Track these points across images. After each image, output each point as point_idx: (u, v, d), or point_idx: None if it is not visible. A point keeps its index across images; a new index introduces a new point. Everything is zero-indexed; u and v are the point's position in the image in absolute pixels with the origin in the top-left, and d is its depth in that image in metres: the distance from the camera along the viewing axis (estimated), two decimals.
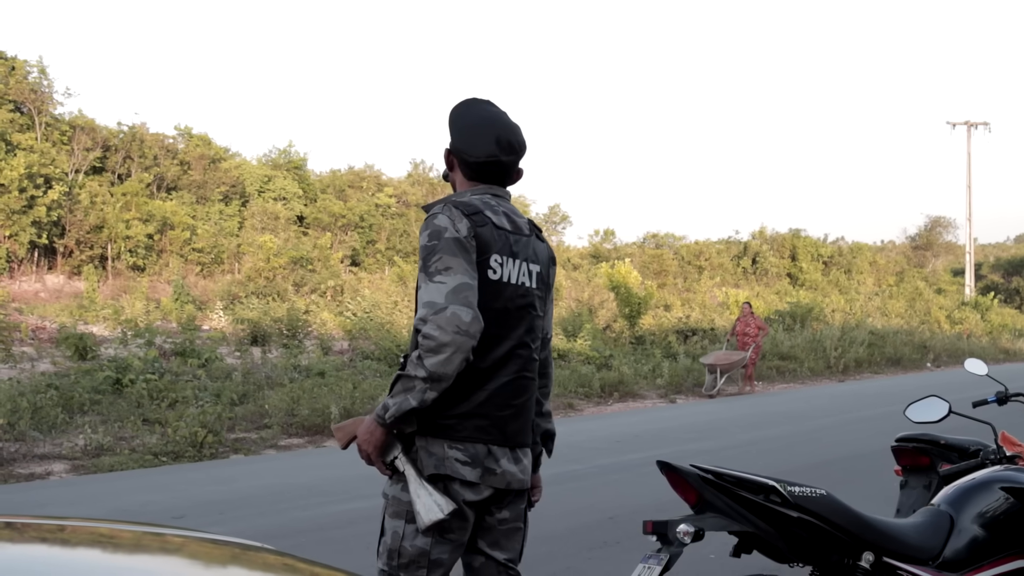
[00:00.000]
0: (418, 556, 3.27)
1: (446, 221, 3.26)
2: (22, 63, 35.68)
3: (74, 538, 2.61)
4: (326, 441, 13.16)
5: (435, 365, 3.10)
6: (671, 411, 17.61)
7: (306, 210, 42.90)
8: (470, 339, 3.12)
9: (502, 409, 3.33)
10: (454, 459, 3.26)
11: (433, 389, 3.14)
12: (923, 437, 5.14)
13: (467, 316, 3.12)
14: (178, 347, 19.17)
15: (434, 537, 3.26)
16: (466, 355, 3.13)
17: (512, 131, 3.50)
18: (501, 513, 3.44)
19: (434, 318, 3.11)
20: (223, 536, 2.79)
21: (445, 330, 3.09)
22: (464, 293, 3.15)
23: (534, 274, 3.46)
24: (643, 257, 48.17)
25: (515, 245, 3.41)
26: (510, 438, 3.36)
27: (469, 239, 3.25)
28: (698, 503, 3.49)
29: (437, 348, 3.09)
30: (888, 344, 30.64)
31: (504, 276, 3.34)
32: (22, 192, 32.02)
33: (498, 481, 3.33)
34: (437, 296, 3.15)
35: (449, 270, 3.18)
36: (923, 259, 64.30)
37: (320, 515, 8.24)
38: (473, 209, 3.33)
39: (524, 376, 3.42)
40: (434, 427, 3.27)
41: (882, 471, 8.88)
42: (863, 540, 3.56)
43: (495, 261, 3.32)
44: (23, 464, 10.95)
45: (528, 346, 3.44)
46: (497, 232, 3.34)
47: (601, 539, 7.22)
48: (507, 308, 3.36)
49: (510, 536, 3.49)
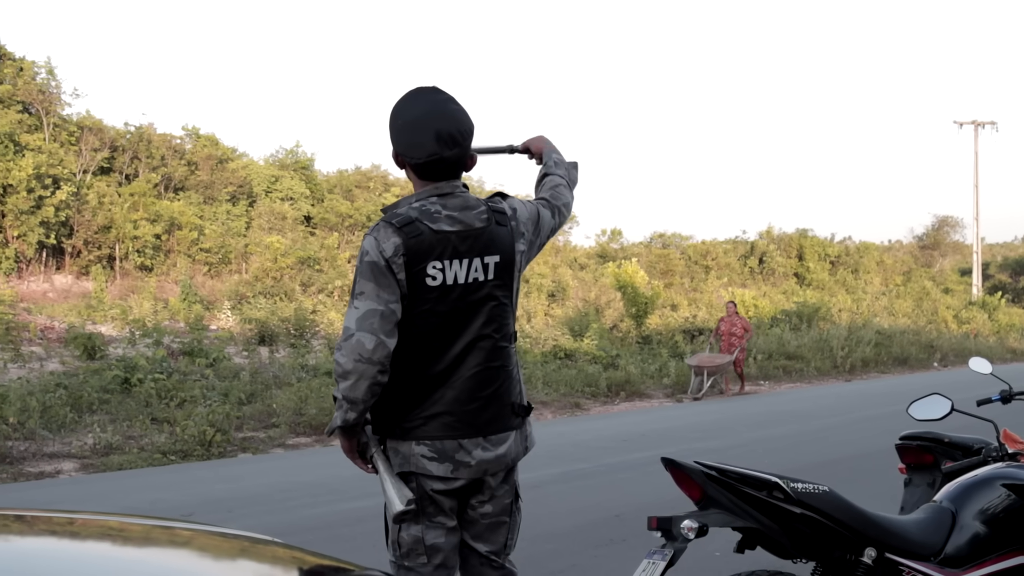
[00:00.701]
0: (414, 544, 3.43)
1: (370, 243, 3.35)
2: (30, 64, 35.72)
3: (84, 531, 2.64)
4: (333, 440, 13.20)
5: (345, 390, 3.30)
6: (677, 410, 17.63)
7: (313, 210, 42.90)
8: (372, 366, 3.26)
9: (468, 403, 3.41)
10: (420, 455, 3.37)
11: (352, 410, 3.32)
12: (927, 435, 5.17)
13: (370, 343, 3.25)
14: (186, 347, 19.22)
15: (423, 523, 3.40)
16: (372, 380, 3.28)
17: (453, 120, 3.45)
18: (484, 507, 3.53)
19: (343, 344, 3.29)
20: (232, 530, 2.83)
21: (349, 358, 3.27)
22: (370, 320, 3.28)
23: (491, 266, 3.45)
24: (650, 257, 48.09)
25: (461, 244, 3.40)
26: (482, 428, 3.43)
27: (395, 258, 3.31)
28: (702, 499, 3.52)
29: (343, 375, 3.28)
30: (895, 344, 30.57)
31: (448, 279, 3.36)
32: (30, 192, 32.05)
33: (473, 472, 3.42)
34: (349, 321, 3.33)
35: (362, 295, 3.32)
36: (930, 259, 64.14)
37: (328, 513, 8.28)
38: (406, 221, 3.36)
39: (489, 367, 3.46)
40: (401, 430, 3.39)
41: (888, 469, 8.90)
42: (865, 536, 3.59)
43: (433, 268, 3.35)
44: (33, 463, 11.01)
45: (490, 337, 3.46)
46: (437, 237, 3.36)
47: (607, 537, 7.26)
48: (458, 308, 3.39)
49: (494, 529, 3.57)
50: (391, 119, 3.50)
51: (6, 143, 32.25)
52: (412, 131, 3.44)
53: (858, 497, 3.79)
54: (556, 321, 29.47)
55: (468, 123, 3.48)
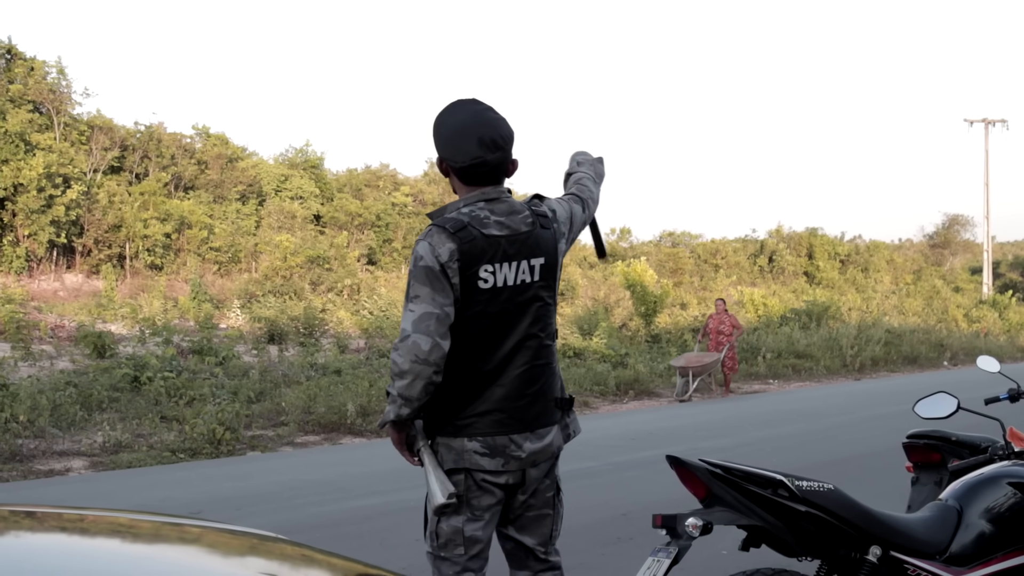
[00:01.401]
0: (453, 534, 3.55)
1: (425, 248, 3.46)
2: (41, 64, 35.82)
3: (94, 528, 2.64)
4: (342, 439, 13.24)
5: (400, 388, 3.42)
6: (686, 409, 17.62)
7: (323, 209, 42.94)
8: (428, 367, 3.39)
9: (517, 400, 3.54)
10: (472, 451, 3.49)
11: (405, 407, 3.45)
12: (934, 434, 5.17)
13: (426, 345, 3.38)
14: (196, 345, 19.27)
15: (464, 515, 3.52)
16: (427, 380, 3.41)
17: (494, 126, 3.57)
18: (527, 500, 3.65)
19: (400, 345, 3.42)
20: (241, 527, 2.85)
21: (405, 359, 3.39)
22: (426, 323, 3.40)
23: (536, 268, 3.58)
24: (659, 255, 48.06)
25: (510, 248, 3.52)
26: (530, 423, 3.57)
27: (450, 263, 3.43)
28: (707, 497, 3.54)
29: (400, 374, 3.41)
30: (905, 343, 30.51)
31: (498, 282, 3.50)
32: (41, 192, 32.16)
33: (522, 463, 3.56)
34: (406, 323, 3.44)
35: (417, 299, 3.44)
36: (941, 257, 64.02)
37: (336, 511, 8.31)
38: (459, 226, 3.47)
39: (536, 365, 3.59)
40: (453, 427, 3.51)
41: (896, 468, 8.89)
42: (870, 534, 3.59)
43: (485, 271, 3.47)
44: (43, 460, 11.06)
45: (536, 336, 3.60)
46: (488, 242, 3.48)
47: (614, 535, 7.28)
48: (507, 309, 3.53)
49: (538, 522, 3.70)
50: (435, 128, 3.63)
51: (17, 142, 32.37)
52: (456, 137, 3.56)
53: (865, 496, 3.80)
54: (565, 320, 29.46)
55: (508, 129, 3.62)
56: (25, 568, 2.06)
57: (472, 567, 3.58)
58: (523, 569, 3.73)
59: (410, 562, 6.40)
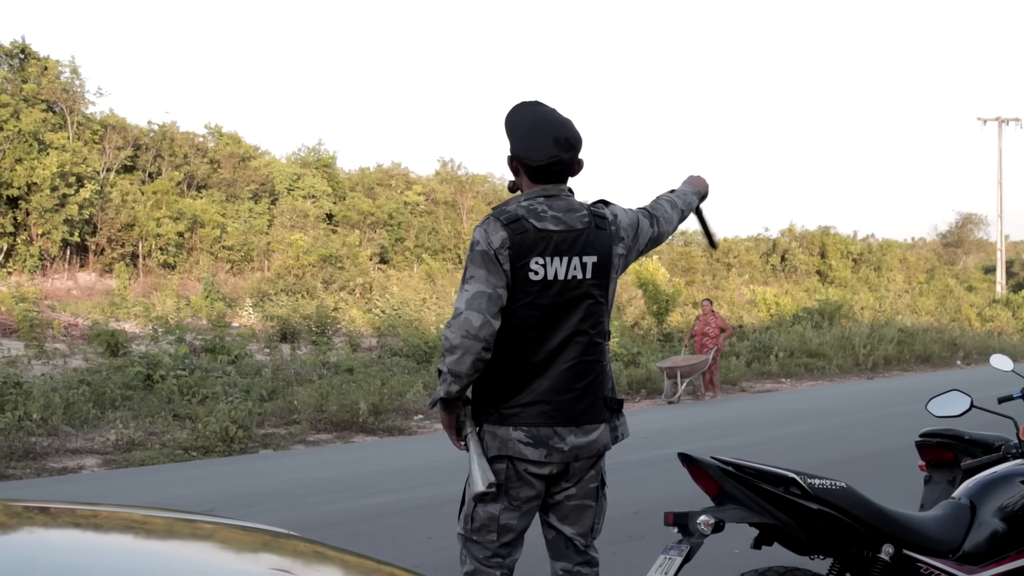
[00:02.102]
0: (488, 520, 3.65)
1: (481, 234, 3.60)
2: (54, 63, 35.90)
3: (107, 524, 2.66)
4: (354, 437, 13.26)
5: (450, 363, 3.52)
6: (698, 408, 17.61)
7: (335, 208, 42.98)
8: (478, 342, 3.48)
9: (564, 394, 3.62)
10: (517, 440, 3.59)
11: (455, 383, 3.54)
12: (947, 432, 5.16)
13: (477, 321, 3.48)
14: (208, 344, 19.31)
15: (502, 503, 3.62)
16: (476, 356, 3.50)
17: (566, 128, 3.72)
18: (569, 490, 3.73)
19: (452, 322, 3.53)
20: (253, 524, 2.85)
21: (456, 334, 3.50)
22: (479, 300, 3.51)
23: (589, 265, 3.67)
24: (671, 254, 47.96)
25: (562, 243, 3.61)
26: (576, 418, 3.64)
27: (501, 250, 3.55)
28: (719, 495, 3.54)
29: (451, 349, 3.51)
30: (918, 342, 30.42)
31: (548, 275, 3.59)
32: (54, 191, 32.24)
33: (565, 456, 3.63)
34: (460, 302, 3.55)
35: (472, 279, 3.56)
36: (954, 256, 63.80)
37: (348, 509, 8.32)
38: (512, 218, 3.59)
39: (584, 361, 3.68)
40: (499, 415, 3.61)
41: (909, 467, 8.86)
42: (883, 532, 3.59)
43: (536, 263, 3.58)
44: (56, 458, 11.10)
45: (586, 332, 3.68)
46: (540, 235, 3.58)
47: (626, 534, 7.28)
48: (557, 303, 3.62)
49: (580, 512, 3.77)
50: (510, 127, 3.76)
51: (31, 142, 32.46)
52: (532, 137, 3.69)
53: (878, 494, 3.79)
54: None
55: (577, 130, 3.74)
56: (39, 564, 2.07)
57: (501, 553, 3.67)
58: (562, 560, 3.79)
59: (422, 560, 6.41)
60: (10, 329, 22.51)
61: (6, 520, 2.50)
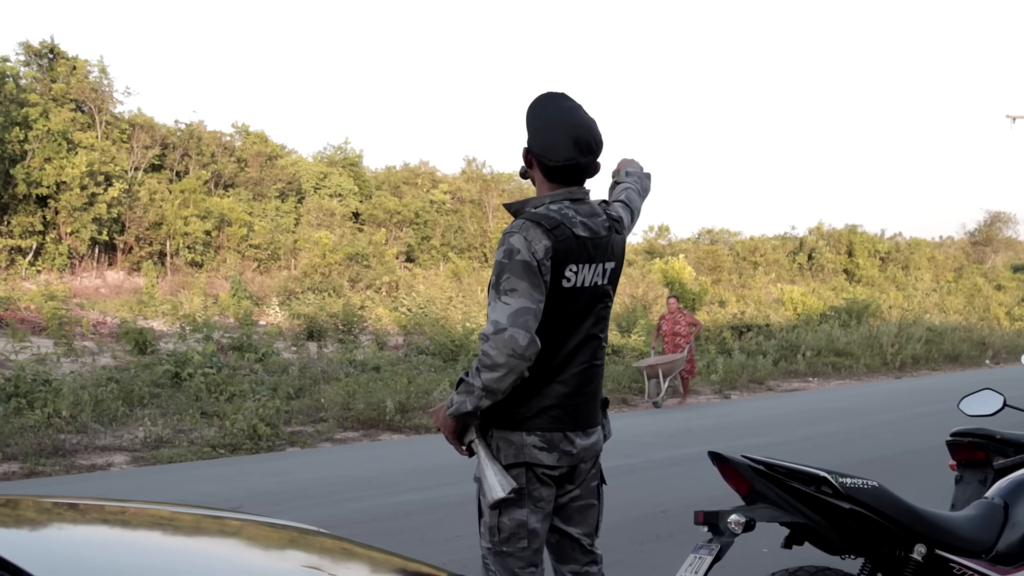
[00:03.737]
0: (517, 528, 3.50)
1: (521, 243, 3.41)
2: (83, 63, 36.13)
3: (136, 520, 2.68)
4: (381, 435, 13.27)
5: (489, 381, 3.35)
6: (726, 407, 17.55)
7: (361, 206, 43.11)
8: (524, 362, 3.34)
9: (575, 398, 3.54)
10: (532, 446, 3.47)
11: (487, 399, 3.39)
12: (978, 432, 5.11)
13: (524, 340, 3.32)
14: (235, 342, 19.35)
15: (528, 508, 3.49)
16: (519, 375, 3.37)
17: (589, 129, 3.58)
18: (574, 491, 3.64)
19: (494, 338, 3.33)
20: (281, 520, 2.85)
21: (502, 352, 3.32)
22: (524, 317, 3.35)
23: (608, 271, 3.60)
24: (698, 253, 47.89)
25: (593, 250, 3.52)
26: (582, 422, 3.56)
27: (544, 260, 3.41)
28: (749, 494, 3.51)
29: (493, 367, 3.33)
30: (946, 341, 30.20)
31: (578, 283, 3.49)
32: (83, 190, 32.47)
33: (575, 459, 3.54)
34: (501, 316, 3.36)
35: (514, 292, 3.37)
36: (982, 255, 63.32)
37: (375, 506, 8.32)
38: (554, 223, 3.45)
39: (593, 364, 3.61)
40: (512, 420, 3.49)
41: (939, 466, 8.79)
42: (915, 532, 3.55)
43: (570, 271, 3.46)
44: (84, 455, 11.14)
45: (597, 337, 3.61)
46: (577, 242, 3.47)
47: (654, 532, 7.25)
48: (577, 309, 3.52)
49: (583, 512, 3.68)
50: (529, 120, 3.62)
51: (60, 141, 32.69)
52: (551, 135, 3.55)
53: (908, 493, 3.76)
54: None
55: (600, 132, 3.62)
56: (69, 560, 2.07)
57: (535, 561, 3.55)
58: (569, 563, 3.68)
59: (450, 558, 6.39)
60: (39, 327, 22.64)
61: (36, 516, 2.52)
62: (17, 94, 33.59)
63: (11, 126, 32.09)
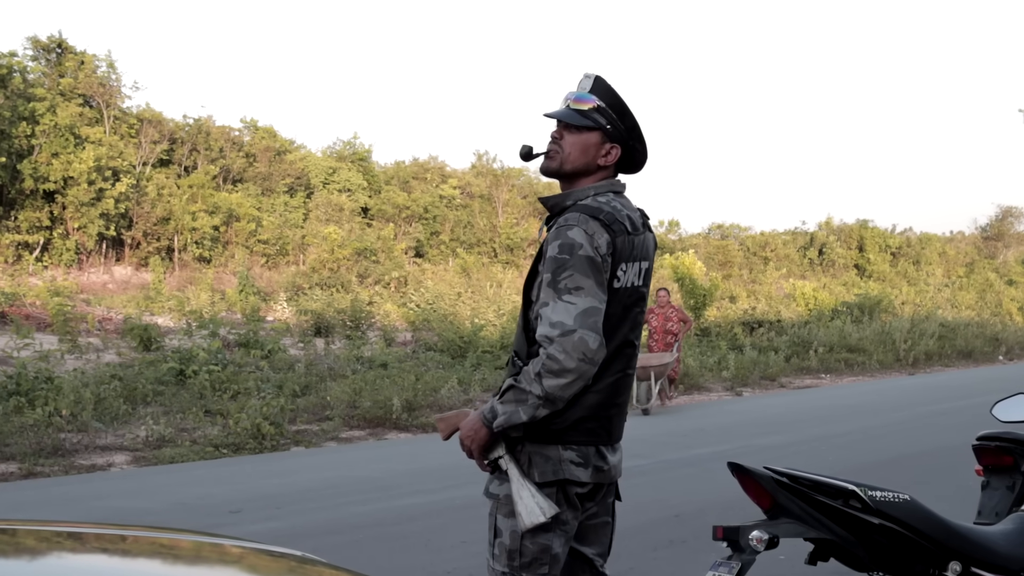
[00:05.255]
0: (540, 553, 3.19)
1: (582, 236, 3.11)
2: (91, 58, 36.04)
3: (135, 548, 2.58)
4: (387, 434, 13.09)
5: (554, 388, 3.04)
6: (737, 404, 17.34)
7: (370, 201, 43.01)
8: (593, 366, 3.06)
9: (608, 409, 3.25)
10: (569, 461, 3.18)
11: (546, 408, 3.08)
12: (1006, 436, 4.90)
13: (594, 343, 3.04)
14: (242, 338, 19.22)
15: (555, 531, 3.19)
16: (586, 381, 3.08)
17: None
18: (591, 509, 3.35)
19: (561, 340, 3.02)
20: (281, 549, 2.71)
21: (571, 356, 3.01)
22: (593, 318, 3.06)
23: (643, 271, 3.32)
24: (708, 248, 47.73)
25: (635, 248, 3.26)
26: (613, 435, 3.29)
27: (607, 256, 3.13)
28: (772, 508, 3.31)
29: (560, 372, 3.02)
30: (959, 336, 29.99)
31: (625, 282, 3.22)
32: (91, 185, 32.41)
33: (606, 477, 3.27)
34: (566, 317, 3.04)
35: (580, 290, 3.07)
36: (994, 250, 63.02)
37: (379, 510, 8.12)
38: (612, 219, 3.18)
39: (627, 374, 3.31)
40: (548, 433, 3.18)
41: (958, 468, 8.58)
42: (949, 549, 3.35)
43: (621, 270, 3.19)
44: (85, 455, 10.97)
45: (632, 344, 3.31)
46: (629, 239, 3.22)
47: (667, 538, 7.03)
48: (617, 312, 3.22)
49: (598, 530, 3.41)
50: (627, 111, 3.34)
51: (67, 136, 32.63)
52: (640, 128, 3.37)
53: (928, 498, 3.58)
54: None
55: None
56: None
57: None
58: None
59: (455, 566, 6.20)
60: (45, 323, 22.54)
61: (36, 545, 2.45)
62: (25, 89, 33.53)
63: (19, 121, 32.04)
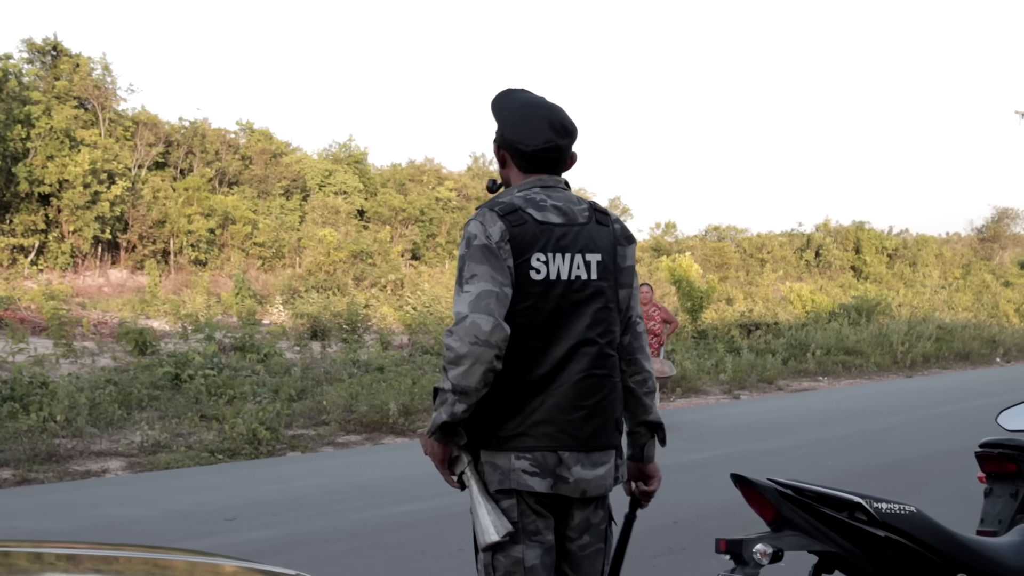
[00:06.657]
0: (513, 566, 3.17)
1: (477, 228, 3.17)
2: (86, 60, 35.91)
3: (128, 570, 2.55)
4: (384, 438, 13.02)
5: (456, 377, 3.03)
6: (735, 407, 17.28)
7: (367, 204, 42.93)
8: (489, 348, 3.01)
9: (571, 412, 3.16)
10: (521, 470, 3.13)
11: (461, 401, 3.06)
12: (1010, 443, 4.85)
13: (487, 325, 3.02)
14: (238, 342, 19.17)
15: (524, 543, 3.15)
16: (488, 365, 3.03)
17: (560, 113, 3.38)
18: (582, 539, 3.30)
19: (455, 328, 3.06)
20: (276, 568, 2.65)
21: (463, 341, 3.02)
22: (485, 300, 3.06)
23: (593, 264, 3.25)
24: (704, 250, 47.63)
25: (564, 239, 3.21)
26: (585, 441, 3.19)
27: (502, 243, 3.13)
28: (776, 520, 3.25)
29: (456, 360, 3.03)
30: (956, 339, 29.93)
31: (551, 274, 3.17)
32: (86, 187, 32.27)
33: (571, 490, 3.19)
34: (460, 306, 3.10)
35: (474, 278, 3.10)
36: (990, 251, 62.97)
37: (376, 517, 8.06)
38: (509, 209, 3.19)
39: (594, 374, 3.22)
40: (498, 439, 3.14)
41: (958, 473, 8.54)
42: (956, 562, 3.29)
43: (537, 260, 3.16)
44: (79, 461, 10.89)
45: (595, 342, 3.24)
46: (540, 228, 3.18)
47: (665, 545, 6.97)
48: (560, 307, 3.19)
49: (592, 559, 3.36)
50: (498, 111, 3.41)
51: (62, 139, 32.50)
52: (524, 120, 3.34)
53: (928, 503, 3.53)
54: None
55: (571, 118, 3.42)
56: None
57: None
58: None
59: (453, 574, 6.13)
60: (40, 327, 22.44)
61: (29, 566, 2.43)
62: (20, 91, 33.39)
63: (13, 124, 31.90)
